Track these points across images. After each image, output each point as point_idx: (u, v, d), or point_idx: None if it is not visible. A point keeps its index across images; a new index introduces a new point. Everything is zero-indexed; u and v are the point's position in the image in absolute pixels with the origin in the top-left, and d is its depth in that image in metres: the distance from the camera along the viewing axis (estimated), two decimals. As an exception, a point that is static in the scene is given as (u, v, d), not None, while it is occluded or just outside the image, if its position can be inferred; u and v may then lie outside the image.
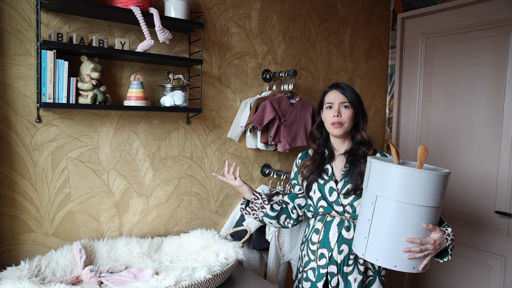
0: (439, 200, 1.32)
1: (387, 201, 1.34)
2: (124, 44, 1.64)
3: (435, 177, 1.29)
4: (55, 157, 1.62)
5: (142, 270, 1.59)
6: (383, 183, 1.35)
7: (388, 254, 1.35)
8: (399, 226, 1.33)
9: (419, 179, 1.29)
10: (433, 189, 1.30)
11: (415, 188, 1.29)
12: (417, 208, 1.30)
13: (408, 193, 1.30)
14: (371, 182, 1.40)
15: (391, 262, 1.35)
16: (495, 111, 2.27)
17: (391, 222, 1.34)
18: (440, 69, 2.55)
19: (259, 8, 2.16)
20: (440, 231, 1.35)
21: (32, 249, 1.59)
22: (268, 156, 2.26)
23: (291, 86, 2.12)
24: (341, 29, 2.55)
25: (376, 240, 1.37)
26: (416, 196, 1.30)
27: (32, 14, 1.53)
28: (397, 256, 1.34)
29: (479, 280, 2.36)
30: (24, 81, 1.53)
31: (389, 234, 1.34)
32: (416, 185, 1.29)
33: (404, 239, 1.32)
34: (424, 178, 1.29)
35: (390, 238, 1.34)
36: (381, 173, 1.36)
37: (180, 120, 1.93)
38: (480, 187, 2.35)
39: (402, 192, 1.31)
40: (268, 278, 2.01)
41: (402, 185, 1.31)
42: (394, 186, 1.32)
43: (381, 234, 1.36)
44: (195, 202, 2.02)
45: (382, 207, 1.35)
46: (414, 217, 1.31)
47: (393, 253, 1.34)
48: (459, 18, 2.43)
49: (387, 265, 1.37)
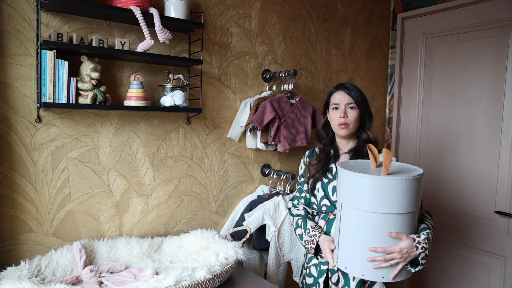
0: (404, 206, 1.24)
1: (350, 209, 1.30)
2: (124, 44, 1.64)
3: (398, 183, 1.21)
4: (55, 157, 1.62)
5: (142, 270, 1.59)
6: (345, 191, 1.31)
7: (355, 262, 1.32)
8: (364, 235, 1.29)
9: (379, 187, 1.22)
10: (397, 196, 1.22)
11: (377, 196, 1.23)
12: (381, 216, 1.25)
13: (370, 201, 1.24)
14: (338, 189, 1.38)
15: (359, 271, 1.32)
16: (495, 111, 2.27)
17: (356, 230, 1.30)
18: (440, 69, 2.55)
19: (259, 8, 2.16)
20: (408, 239, 1.28)
21: (32, 249, 1.59)
22: (268, 156, 2.26)
23: (291, 86, 2.12)
24: (341, 29, 2.55)
25: (345, 248, 1.35)
26: (378, 204, 1.24)
27: (32, 14, 1.53)
28: (364, 265, 1.30)
29: (479, 280, 2.36)
30: (24, 81, 1.53)
31: (355, 242, 1.31)
32: (377, 192, 1.23)
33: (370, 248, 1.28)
34: (385, 185, 1.22)
35: (356, 246, 1.31)
36: (345, 181, 1.31)
37: (180, 120, 1.93)
38: (480, 187, 2.35)
39: (363, 200, 1.25)
40: (268, 278, 2.01)
41: (364, 193, 1.25)
42: (355, 194, 1.27)
43: (348, 242, 1.33)
44: (195, 202, 2.02)
45: (347, 216, 1.32)
46: (379, 226, 1.26)
47: (360, 261, 1.31)
48: (459, 18, 2.43)
49: (355, 274, 1.34)
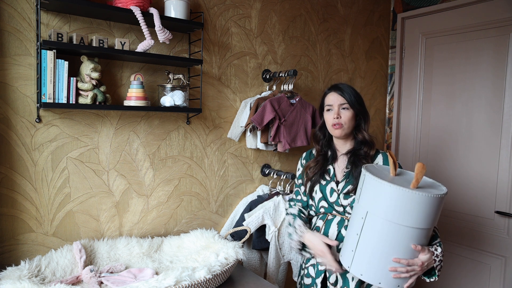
0: (431, 221, 1.27)
1: (377, 219, 1.29)
2: (124, 44, 1.64)
3: (429, 199, 1.23)
4: (55, 157, 1.62)
5: (142, 270, 1.59)
6: (374, 200, 1.30)
7: (374, 271, 1.32)
8: (387, 245, 1.29)
9: (411, 200, 1.23)
10: (426, 211, 1.24)
11: (407, 209, 1.24)
12: (407, 229, 1.26)
13: (399, 213, 1.25)
14: (363, 196, 1.36)
15: (376, 279, 1.32)
16: (495, 111, 2.27)
17: (379, 240, 1.30)
18: (440, 69, 2.55)
19: (259, 8, 2.16)
20: (429, 252, 1.31)
21: (32, 249, 1.59)
22: (268, 156, 2.26)
23: (291, 86, 2.12)
24: (341, 29, 2.55)
25: (362, 255, 1.34)
26: (407, 217, 1.25)
27: (32, 14, 1.53)
28: (383, 273, 1.31)
29: (479, 280, 2.36)
30: (24, 81, 1.53)
31: (376, 251, 1.31)
32: (408, 206, 1.24)
33: (391, 258, 1.29)
34: (417, 200, 1.23)
35: (377, 255, 1.31)
36: (374, 188, 1.31)
37: (180, 120, 1.93)
38: (480, 187, 2.35)
39: (393, 211, 1.26)
40: (268, 278, 2.01)
41: (394, 204, 1.25)
42: (385, 204, 1.27)
43: (368, 250, 1.33)
44: (195, 202, 2.02)
45: (372, 224, 1.32)
46: (403, 238, 1.27)
47: (379, 270, 1.31)
48: (459, 18, 2.43)
49: (372, 281, 1.34)
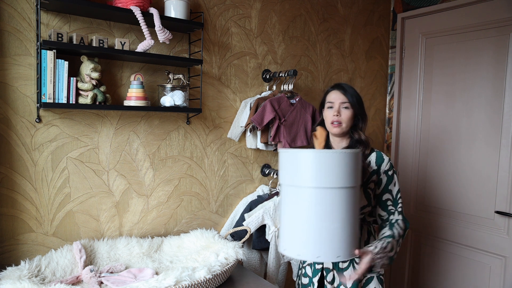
0: (345, 180, 1.25)
1: (286, 187, 1.32)
2: (124, 44, 1.64)
3: (321, 156, 1.24)
4: (55, 157, 1.62)
5: (142, 270, 1.59)
6: (281, 170, 1.35)
7: (305, 245, 1.28)
8: (308, 213, 1.27)
9: (317, 160, 1.25)
10: (336, 169, 1.24)
11: (318, 170, 1.24)
12: (324, 191, 1.25)
13: (301, 175, 1.26)
14: (279, 171, 1.39)
15: (313, 253, 1.29)
16: (495, 111, 2.27)
17: (301, 209, 1.28)
18: (440, 69, 2.55)
19: (259, 8, 2.16)
20: (368, 255, 1.37)
21: (32, 249, 1.59)
22: (268, 156, 2.26)
23: (291, 86, 2.12)
24: (341, 29, 2.55)
25: (289, 233, 1.32)
26: (320, 179, 1.24)
27: (32, 14, 1.53)
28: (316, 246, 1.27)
29: (479, 280, 2.36)
30: (24, 81, 1.53)
31: (296, 222, 1.29)
32: (319, 166, 1.25)
33: (317, 227, 1.25)
34: (311, 158, 1.25)
35: (299, 227, 1.29)
36: (280, 160, 1.35)
37: (180, 120, 1.93)
38: (480, 187, 2.35)
39: (294, 175, 1.27)
40: (268, 278, 2.01)
41: (303, 168, 1.26)
42: (294, 171, 1.28)
43: (291, 224, 1.31)
44: (195, 202, 2.02)
45: (285, 194, 1.33)
46: (323, 201, 1.25)
47: (311, 243, 1.27)
48: (459, 18, 2.43)
49: (309, 258, 1.35)
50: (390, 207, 1.57)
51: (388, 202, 1.57)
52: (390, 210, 1.56)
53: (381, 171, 1.57)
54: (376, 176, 1.57)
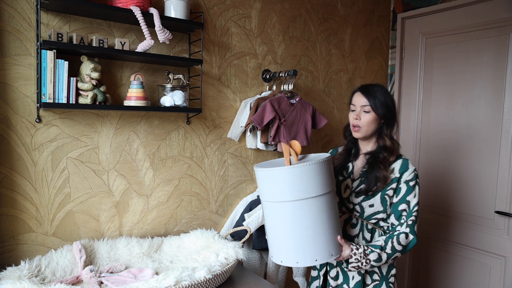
0: (309, 190, 1.32)
1: (266, 203, 1.42)
2: (124, 44, 1.64)
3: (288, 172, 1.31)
4: (55, 157, 1.62)
5: (142, 270, 1.60)
6: (260, 187, 1.43)
7: (287, 252, 1.39)
8: (290, 224, 1.37)
9: (277, 176, 1.34)
10: (295, 183, 1.32)
11: (281, 186, 1.34)
12: (300, 202, 1.33)
13: (279, 192, 1.35)
14: (258, 188, 1.48)
15: (292, 260, 1.39)
16: (495, 111, 2.27)
17: (282, 222, 1.38)
18: (440, 69, 2.55)
19: (259, 8, 2.16)
20: (348, 248, 1.42)
21: (32, 249, 1.59)
22: (268, 156, 2.26)
23: (291, 86, 2.12)
24: (341, 29, 2.55)
25: (275, 242, 1.43)
26: (294, 193, 1.33)
27: (32, 14, 1.53)
28: (297, 252, 1.37)
29: (479, 280, 2.36)
30: (24, 81, 1.53)
31: (283, 233, 1.39)
32: (295, 180, 1.32)
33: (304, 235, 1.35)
34: (279, 176, 1.33)
35: (287, 237, 1.38)
36: (258, 179, 1.43)
37: (180, 120, 1.93)
38: (480, 187, 2.35)
39: (281, 192, 1.35)
40: (268, 278, 2.01)
41: (280, 185, 1.34)
42: (272, 188, 1.37)
43: (277, 235, 1.41)
44: (195, 202, 2.02)
45: (267, 209, 1.42)
46: (301, 211, 1.34)
47: (292, 250, 1.38)
48: (459, 18, 2.43)
49: (290, 264, 1.40)
50: (403, 219, 1.50)
51: (403, 213, 1.50)
52: (402, 222, 1.50)
53: (402, 180, 1.50)
54: (396, 184, 1.51)
